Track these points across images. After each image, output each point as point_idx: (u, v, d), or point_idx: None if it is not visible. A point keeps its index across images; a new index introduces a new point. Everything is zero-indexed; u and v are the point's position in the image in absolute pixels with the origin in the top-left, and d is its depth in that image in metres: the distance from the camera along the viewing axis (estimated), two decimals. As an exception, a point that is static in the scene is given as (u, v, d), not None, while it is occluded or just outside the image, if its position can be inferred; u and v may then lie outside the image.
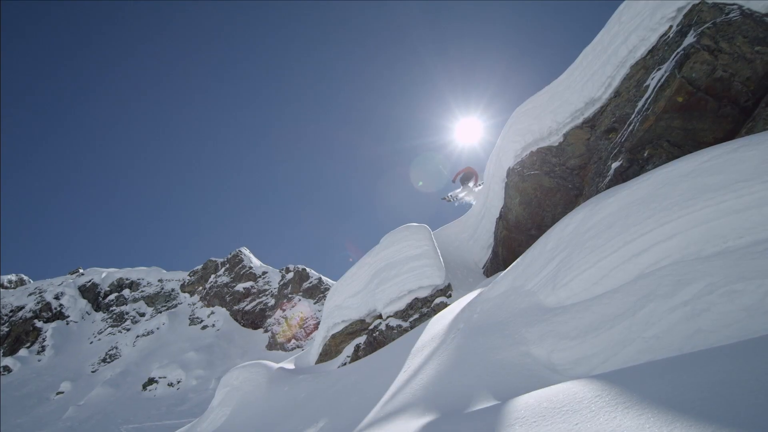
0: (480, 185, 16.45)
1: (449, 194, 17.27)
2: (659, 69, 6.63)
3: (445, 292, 9.81)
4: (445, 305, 9.35)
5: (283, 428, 6.26)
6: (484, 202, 12.31)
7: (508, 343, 4.17)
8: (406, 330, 9.60)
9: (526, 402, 2.56)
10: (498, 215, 11.07)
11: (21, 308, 52.87)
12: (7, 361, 43.24)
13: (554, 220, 8.97)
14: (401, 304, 10.10)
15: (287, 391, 9.12)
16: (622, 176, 6.92)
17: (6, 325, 50.70)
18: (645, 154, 6.65)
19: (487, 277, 10.79)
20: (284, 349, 40.00)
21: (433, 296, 9.82)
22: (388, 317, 10.13)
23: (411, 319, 9.79)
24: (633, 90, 7.31)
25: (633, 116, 7.15)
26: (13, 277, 70.29)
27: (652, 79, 6.74)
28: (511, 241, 10.29)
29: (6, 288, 66.92)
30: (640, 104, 7.00)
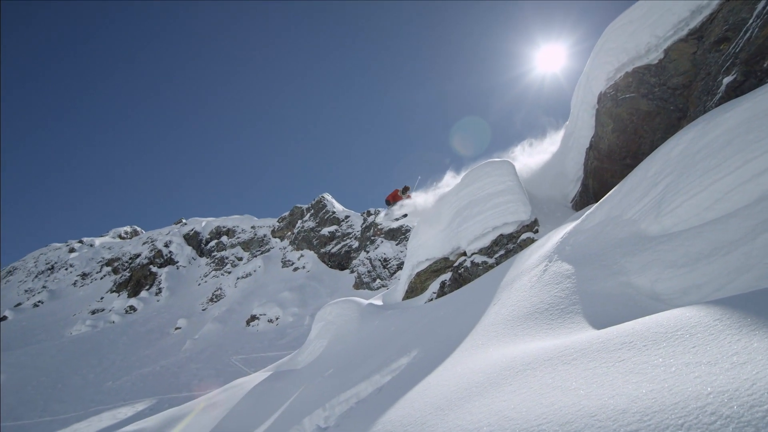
0: (409, 196, 16.52)
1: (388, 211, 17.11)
2: (789, -41, 5.63)
3: (532, 227, 9.56)
4: (531, 240, 9.15)
5: (377, 357, 6.61)
6: (572, 133, 11.56)
7: (606, 274, 4.01)
8: (491, 266, 9.56)
9: (632, 328, 2.47)
10: (588, 145, 10.38)
11: (138, 255, 59.61)
12: (132, 301, 49.36)
13: (652, 147, 8.25)
14: (486, 241, 10.01)
15: (378, 324, 9.57)
16: (736, 92, 6.12)
17: (127, 270, 57.51)
18: (765, 65, 5.80)
19: (576, 211, 10.32)
20: (370, 288, 41.76)
21: (518, 232, 9.62)
22: (472, 254, 10.12)
23: (496, 255, 9.71)
24: (753, -11, 6.31)
25: (751, 21, 6.20)
26: (128, 228, 78.88)
27: (779, -28, 5.75)
28: (603, 172, 9.66)
29: (123, 238, 75.44)
30: (760, 6, 6.03)
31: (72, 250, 70.66)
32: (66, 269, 66.07)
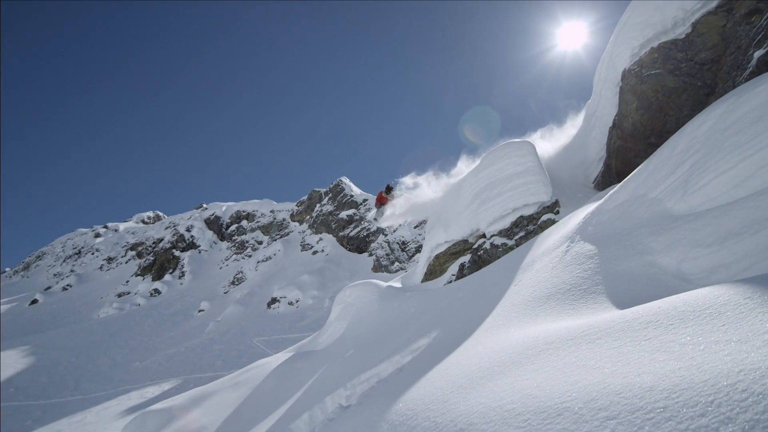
0: (393, 196, 16.30)
1: (377, 213, 17.04)
2: None
3: (553, 208, 9.44)
4: (552, 222, 9.04)
5: (397, 338, 6.66)
6: (594, 112, 11.30)
7: (630, 253, 3.94)
8: (511, 248, 9.50)
9: (658, 307, 2.43)
10: (611, 124, 10.15)
11: (161, 240, 60.95)
12: (157, 285, 50.61)
13: (678, 125, 8.02)
14: (505, 223, 9.93)
15: (397, 306, 9.63)
16: (767, 66, 5.90)
17: (151, 255, 58.87)
18: (800, 36, 5.56)
19: (599, 191, 10.14)
20: (389, 271, 41.96)
21: (539, 213, 9.51)
22: (492, 236, 10.06)
23: (516, 237, 9.64)
24: (789, -45, 6.02)
25: (786, -10, 5.94)
26: (150, 213, 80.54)
27: (818, -63, 5.47)
28: (627, 152, 9.45)
29: (146, 223, 77.08)
30: (796, -26, 5.77)
31: (98, 235, 72.51)
32: (92, 254, 67.92)
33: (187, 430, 7.77)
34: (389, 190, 16.76)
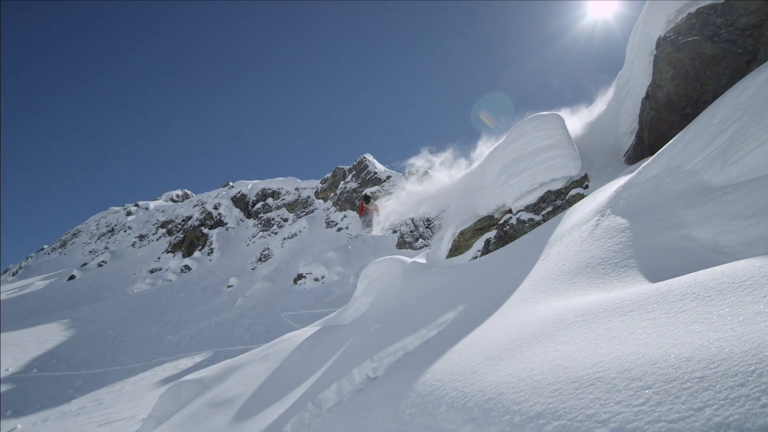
0: (376, 206, 16.45)
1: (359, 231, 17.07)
2: None
3: (582, 183, 9.23)
4: (581, 196, 8.85)
5: (423, 313, 6.71)
6: (626, 82, 10.90)
7: (664, 226, 3.84)
8: (538, 223, 9.37)
9: (694, 279, 2.37)
10: (644, 95, 9.79)
11: (190, 218, 62.36)
12: (187, 261, 52.01)
13: (716, 94, 7.66)
14: (532, 198, 9.77)
15: (422, 281, 9.66)
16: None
17: (181, 232, 60.34)
18: None
19: (630, 165, 9.86)
20: (413, 248, 41.98)
21: (567, 188, 9.32)
22: (518, 211, 9.93)
23: (543, 212, 9.49)
24: None
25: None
26: (179, 192, 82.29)
27: None
28: (660, 123, 9.11)
29: (175, 201, 78.81)
30: None
31: (129, 213, 74.64)
32: (125, 231, 70.07)
33: (219, 399, 8.05)
34: (368, 199, 16.94)
